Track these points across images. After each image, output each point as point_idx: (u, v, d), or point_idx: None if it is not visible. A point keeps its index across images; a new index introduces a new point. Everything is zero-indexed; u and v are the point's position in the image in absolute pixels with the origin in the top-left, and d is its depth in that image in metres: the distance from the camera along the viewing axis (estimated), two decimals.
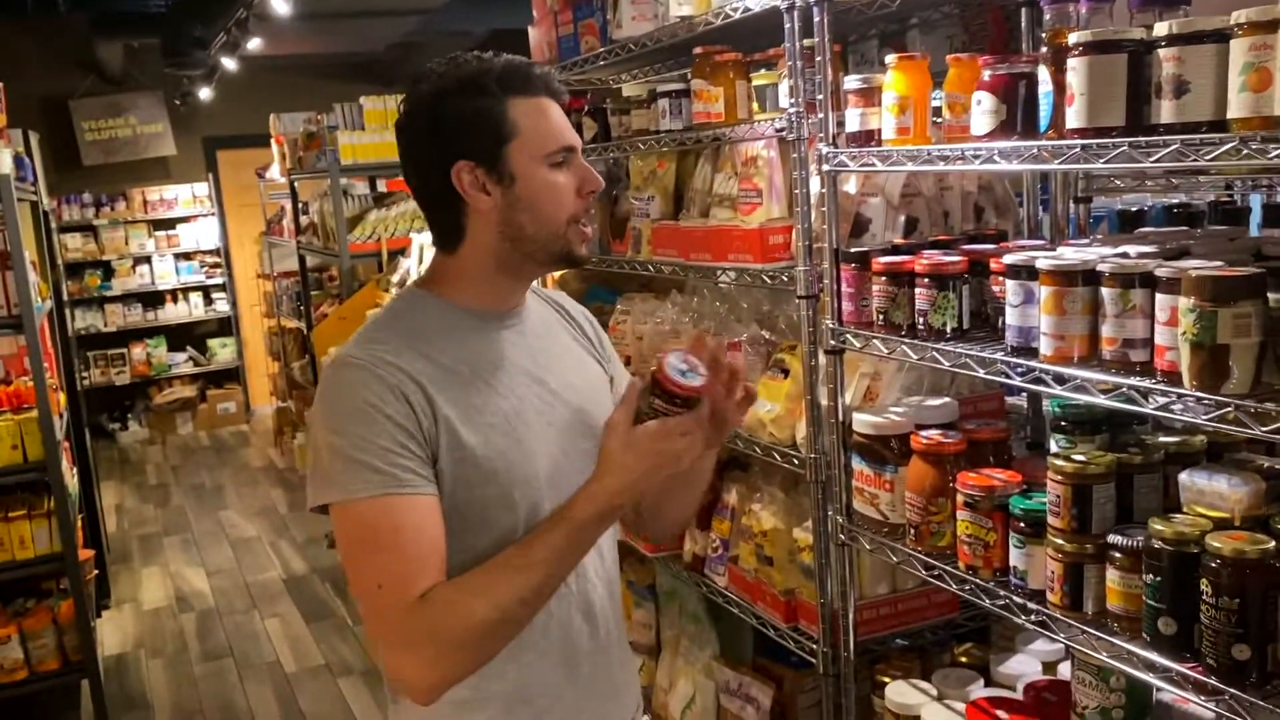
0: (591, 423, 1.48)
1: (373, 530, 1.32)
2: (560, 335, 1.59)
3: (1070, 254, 1.51)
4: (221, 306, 9.51)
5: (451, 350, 1.42)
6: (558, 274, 3.09)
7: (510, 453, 1.40)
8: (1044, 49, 1.45)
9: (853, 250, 1.85)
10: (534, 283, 1.57)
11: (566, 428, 1.47)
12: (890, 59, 1.73)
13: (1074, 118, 1.37)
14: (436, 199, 1.44)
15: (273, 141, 6.92)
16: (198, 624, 5.02)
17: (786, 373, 2.09)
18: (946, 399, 1.88)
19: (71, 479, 4.40)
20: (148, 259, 9.20)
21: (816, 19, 1.82)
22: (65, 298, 5.85)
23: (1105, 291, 1.39)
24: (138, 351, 9.20)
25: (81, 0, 8.56)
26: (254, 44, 6.46)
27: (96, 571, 4.59)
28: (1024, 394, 2.13)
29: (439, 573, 1.33)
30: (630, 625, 2.84)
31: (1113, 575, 1.41)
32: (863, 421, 1.85)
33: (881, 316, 1.78)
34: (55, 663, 4.09)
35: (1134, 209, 2.20)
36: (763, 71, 2.11)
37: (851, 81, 1.81)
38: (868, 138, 1.80)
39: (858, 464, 1.88)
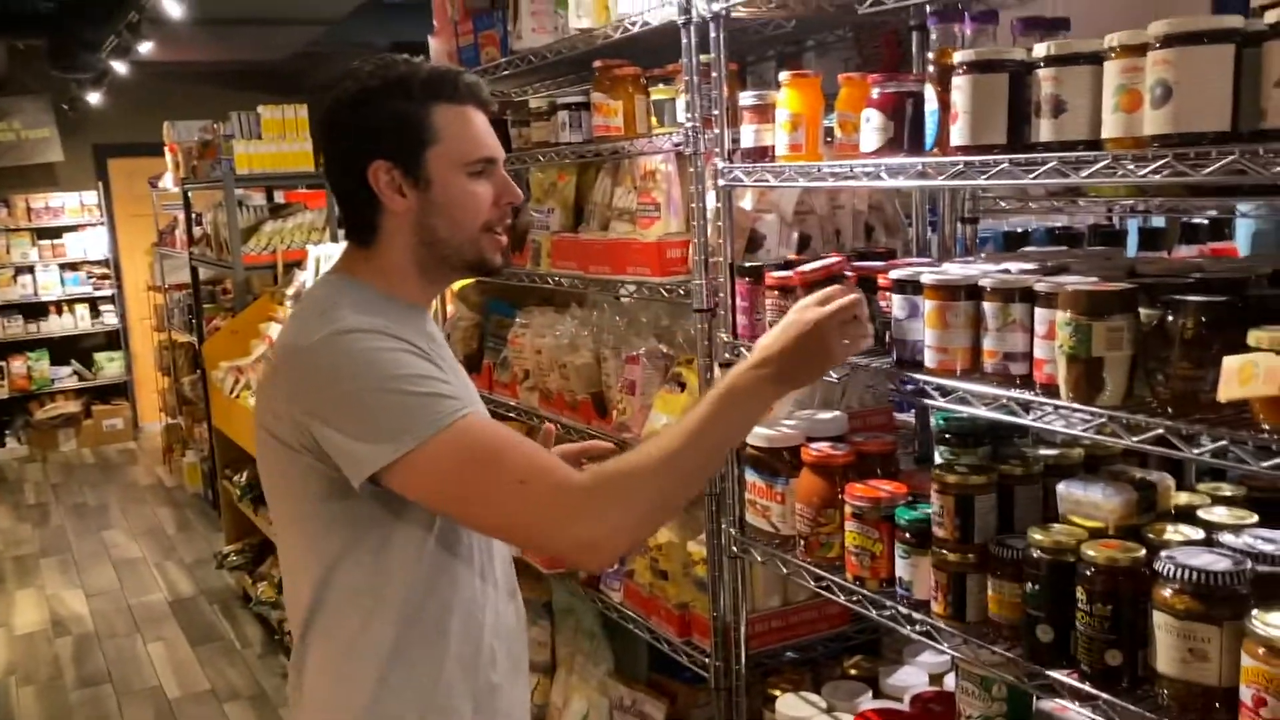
0: None
1: (484, 443, 1.33)
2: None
3: (954, 269, 1.55)
4: (110, 319, 9.18)
5: (405, 331, 1.40)
6: (457, 287, 3.05)
7: None
8: (930, 68, 1.48)
9: (747, 265, 1.86)
10: None
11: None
12: (784, 76, 1.75)
13: (958, 135, 1.40)
14: (352, 195, 1.46)
15: (166, 150, 6.72)
16: (75, 649, 4.79)
17: (684, 386, 2.09)
18: (837, 412, 1.91)
19: None
20: (30, 269, 8.83)
21: (713, 35, 1.83)
22: None
23: (987, 306, 1.42)
24: (18, 365, 8.81)
25: None
26: (147, 48, 6.27)
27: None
28: (913, 409, 2.17)
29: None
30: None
31: (994, 585, 1.44)
32: (756, 434, 1.86)
33: None
34: None
35: (1019, 230, 2.27)
36: (661, 86, 2.12)
37: (747, 98, 1.83)
38: (761, 154, 1.81)
39: (751, 476, 1.89)
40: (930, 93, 1.48)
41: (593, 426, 2.32)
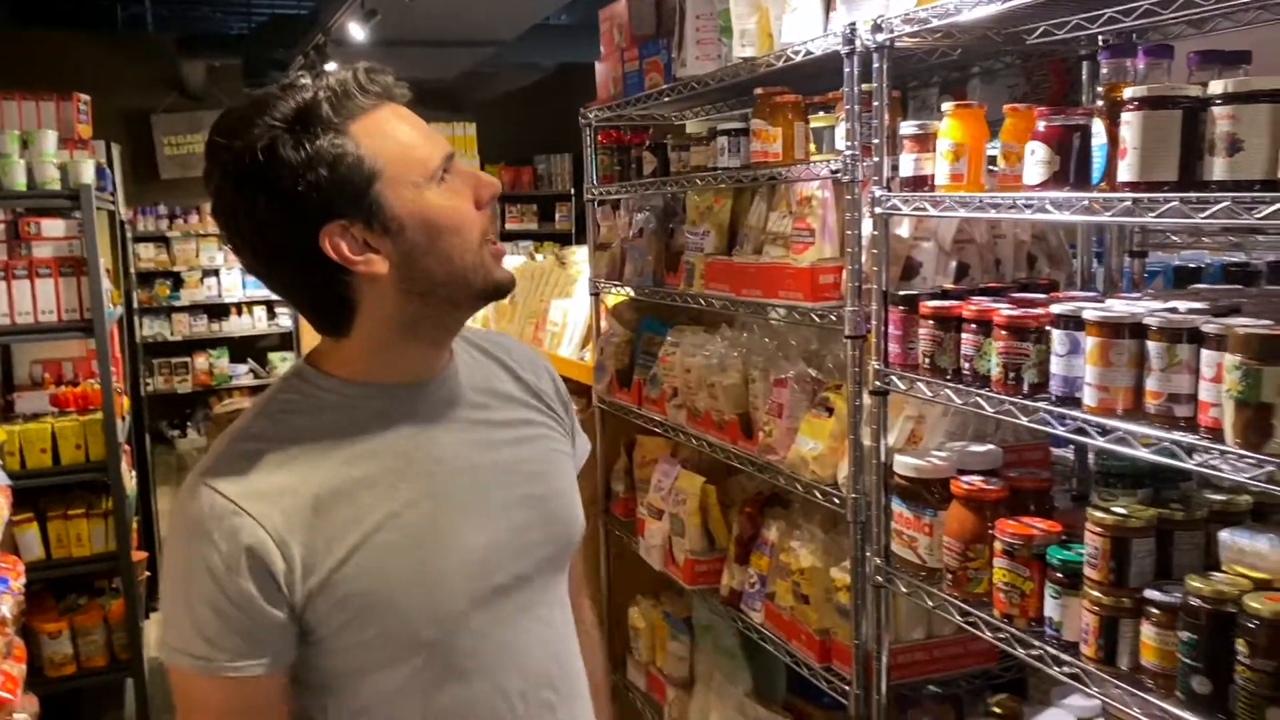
0: (546, 506, 1.31)
1: (199, 705, 1.16)
2: (501, 392, 1.34)
3: (1118, 306, 1.52)
4: (284, 321, 9.70)
5: (340, 452, 1.17)
6: (611, 303, 3.13)
7: (413, 580, 1.17)
8: (1099, 102, 1.46)
9: (901, 293, 1.86)
10: (469, 325, 1.31)
11: (509, 515, 1.26)
12: (947, 106, 1.75)
13: (1126, 171, 1.38)
14: (305, 281, 1.16)
15: None
16: None
17: (831, 411, 2.10)
18: (990, 446, 1.88)
19: (130, 481, 4.52)
20: (216, 272, 9.43)
21: (875, 65, 1.84)
22: (135, 305, 6.03)
23: (1151, 345, 1.39)
24: (201, 361, 9.42)
25: (168, 20, 8.89)
26: (330, 67, 6.64)
27: (149, 573, 4.70)
28: (1071, 446, 2.11)
29: None
30: (665, 657, 2.85)
31: (1148, 631, 1.40)
32: (904, 464, 1.85)
33: (928, 360, 1.79)
34: (103, 660, 4.19)
35: (1191, 266, 2.19)
36: (821, 114, 2.14)
37: (908, 127, 1.83)
38: (921, 183, 1.81)
39: (897, 506, 1.88)
40: (1098, 127, 1.45)
41: (739, 447, 2.35)
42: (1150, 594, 1.40)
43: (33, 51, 8.05)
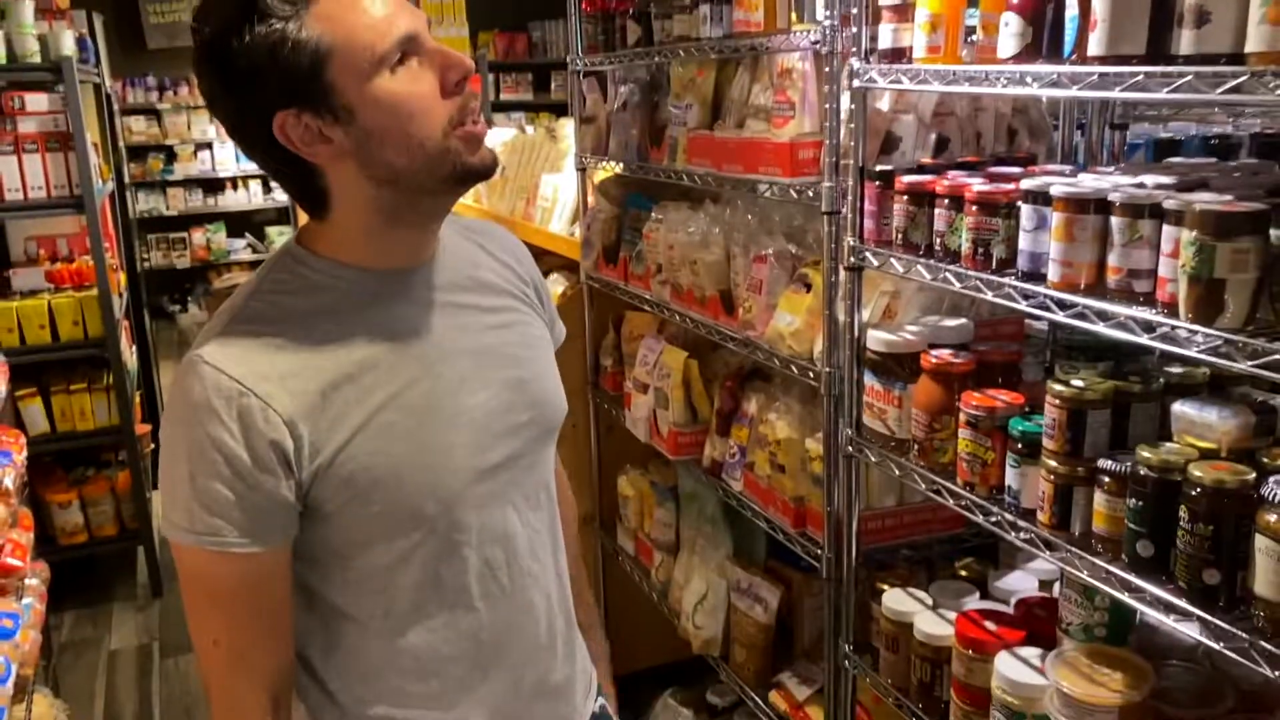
0: (530, 388, 1.34)
1: (206, 579, 1.20)
2: (485, 280, 1.36)
3: (1087, 181, 1.52)
4: (280, 196, 9.63)
5: (338, 335, 1.19)
6: (597, 179, 3.12)
7: (416, 456, 1.21)
8: None
9: (877, 169, 1.86)
10: (454, 212, 1.33)
11: (496, 396, 1.30)
12: None
13: (1096, 44, 1.36)
14: (275, 165, 1.17)
15: None
16: None
17: (809, 287, 2.12)
18: (961, 320, 1.91)
19: (130, 356, 4.59)
20: (209, 145, 9.32)
21: None
22: (127, 180, 5.99)
23: (1114, 220, 1.40)
24: (198, 236, 9.41)
25: None
26: None
27: (154, 445, 4.80)
28: (1046, 320, 2.14)
29: (281, 643, 1.24)
30: (652, 523, 2.94)
31: (1100, 498, 1.45)
32: (876, 338, 1.89)
33: (901, 236, 1.80)
34: (113, 529, 4.33)
35: (1173, 139, 2.17)
36: None
37: None
38: (899, 55, 1.79)
39: (869, 380, 1.92)
40: None
41: (720, 322, 2.38)
42: (1102, 463, 1.44)
43: None
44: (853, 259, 1.91)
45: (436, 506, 1.24)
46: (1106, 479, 1.43)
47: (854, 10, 1.86)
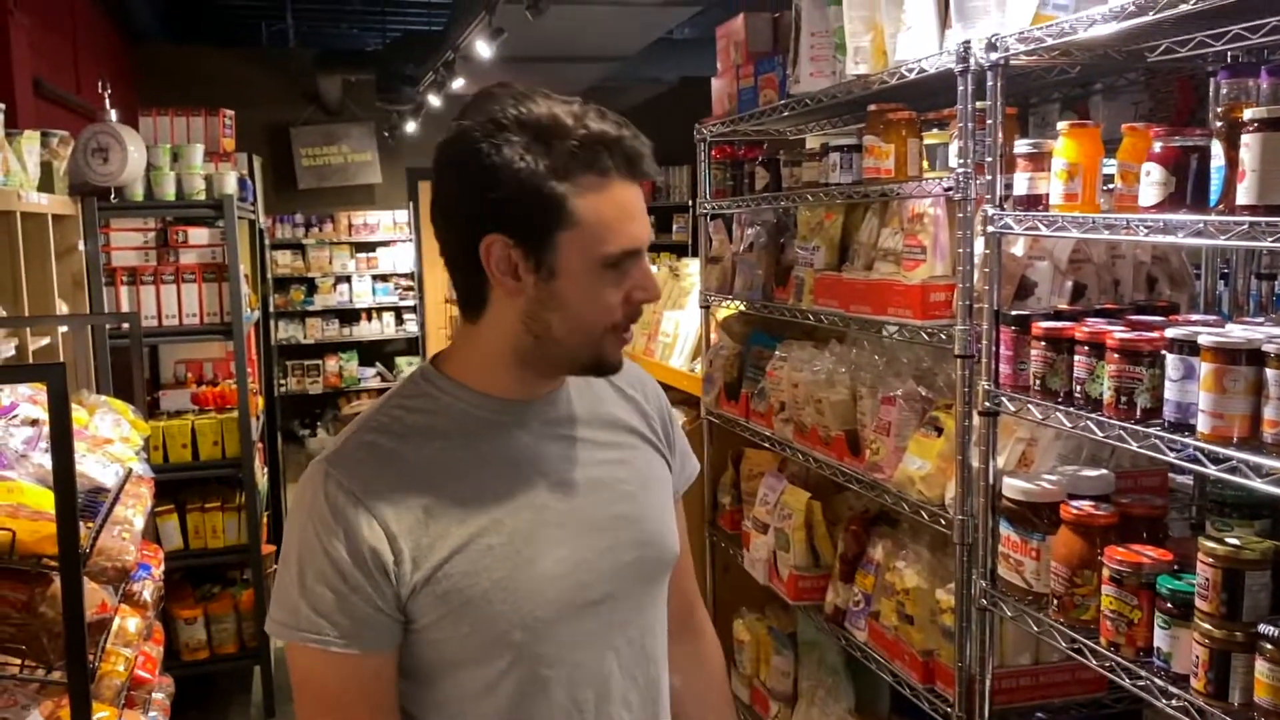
0: (639, 527, 1.33)
1: (314, 680, 1.22)
2: (606, 415, 1.37)
3: (1236, 332, 1.47)
4: (411, 327, 10.02)
5: (452, 454, 1.24)
6: (721, 315, 3.16)
7: (509, 582, 1.22)
8: (1218, 123, 1.42)
9: (1013, 313, 1.84)
10: None
11: (602, 533, 1.29)
12: (1061, 126, 1.73)
13: (1244, 194, 1.34)
14: (460, 261, 1.22)
15: None
16: None
17: (940, 431, 2.09)
18: (1102, 471, 1.84)
19: (262, 477, 4.75)
20: (348, 278, 9.79)
21: (989, 83, 1.83)
22: (271, 309, 6.32)
23: (1269, 373, 1.35)
24: (331, 364, 9.79)
25: (309, 36, 9.29)
26: (458, 83, 6.85)
27: (276, 566, 4.92)
28: (1191, 474, 2.05)
29: None
30: (769, 671, 2.86)
31: (1262, 667, 1.36)
32: (1013, 486, 1.83)
33: (1039, 381, 1.76)
34: (233, 647, 4.41)
35: None
36: (934, 131, 2.13)
37: (1022, 146, 1.81)
38: (1034, 202, 1.79)
39: (1005, 529, 1.86)
40: (1217, 148, 1.42)
41: (845, 463, 2.35)
42: (1264, 629, 1.35)
43: (184, 67, 8.52)
44: (988, 404, 1.87)
45: (524, 634, 1.23)
46: (1269, 646, 1.34)
47: (988, 159, 1.87)
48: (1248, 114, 1.33)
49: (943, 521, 2.01)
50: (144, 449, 2.91)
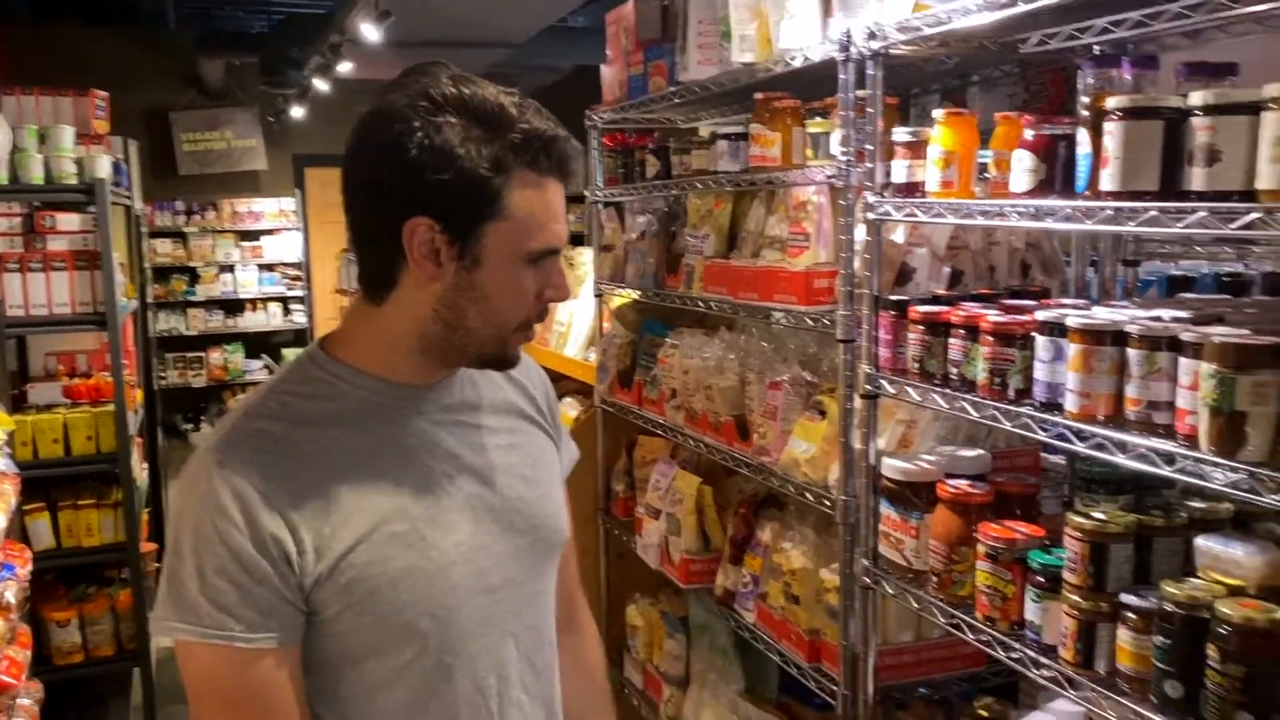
0: (532, 510, 1.33)
1: (214, 680, 1.16)
2: (498, 400, 1.37)
3: (1101, 314, 1.53)
4: (299, 318, 9.78)
5: (346, 442, 1.21)
6: (614, 304, 3.16)
7: (415, 570, 1.20)
8: (1084, 112, 1.47)
9: (891, 298, 1.88)
10: None
11: (499, 518, 1.29)
12: (938, 114, 1.77)
13: (1108, 180, 1.39)
14: (374, 241, 1.19)
15: None
16: None
17: (824, 414, 2.12)
18: (978, 451, 1.90)
19: (141, 473, 4.58)
20: (232, 268, 9.50)
21: (870, 72, 1.86)
22: (150, 299, 6.09)
23: (1131, 353, 1.40)
24: (215, 356, 9.50)
25: (189, 18, 8.96)
26: (345, 67, 6.70)
27: (158, 565, 4.74)
28: (1062, 453, 2.12)
29: None
30: (662, 655, 2.87)
31: (1124, 635, 1.41)
32: (892, 467, 1.87)
33: (917, 364, 1.80)
34: (110, 649, 4.23)
35: (1185, 275, 2.20)
36: (818, 119, 2.16)
37: (900, 134, 1.85)
38: (913, 189, 1.83)
39: (886, 509, 1.90)
40: (1083, 136, 1.47)
41: (734, 448, 2.37)
42: (1127, 599, 1.41)
43: (53, 46, 8.14)
44: (868, 387, 1.91)
45: (430, 622, 1.22)
46: (1131, 615, 1.40)
47: (868, 147, 1.91)
48: (1110, 103, 1.38)
49: (827, 503, 2.04)
50: (8, 443, 2.77)
